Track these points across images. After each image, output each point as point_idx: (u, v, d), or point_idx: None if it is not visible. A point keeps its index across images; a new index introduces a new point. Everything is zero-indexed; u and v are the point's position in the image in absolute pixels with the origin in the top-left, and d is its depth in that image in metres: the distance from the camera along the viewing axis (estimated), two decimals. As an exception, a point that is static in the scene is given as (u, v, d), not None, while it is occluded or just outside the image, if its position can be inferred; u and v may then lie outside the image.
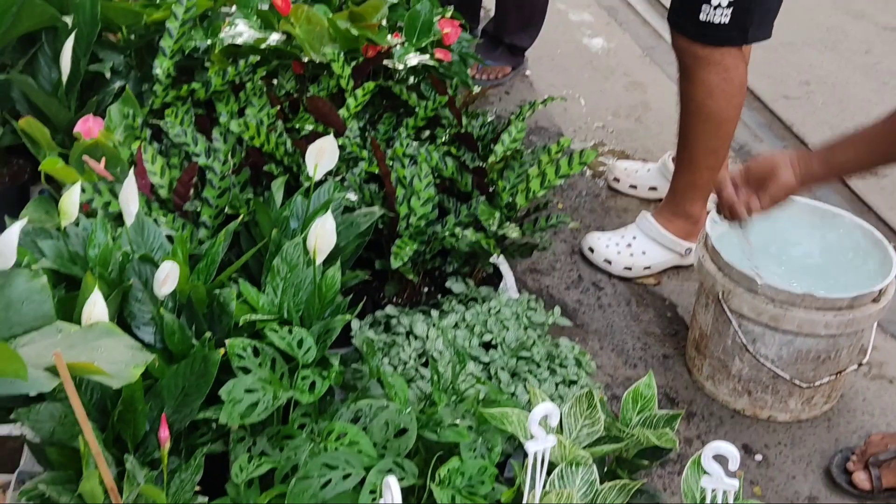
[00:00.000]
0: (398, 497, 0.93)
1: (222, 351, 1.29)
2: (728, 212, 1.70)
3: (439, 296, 1.85)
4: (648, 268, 2.30)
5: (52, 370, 0.98)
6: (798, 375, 1.83)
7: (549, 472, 1.16)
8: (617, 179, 2.65)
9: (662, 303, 2.23)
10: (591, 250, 2.33)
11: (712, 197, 2.33)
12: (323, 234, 1.42)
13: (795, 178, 1.60)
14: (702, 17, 2.04)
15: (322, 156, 1.57)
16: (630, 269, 2.29)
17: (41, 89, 1.97)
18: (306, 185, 1.69)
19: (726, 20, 2.02)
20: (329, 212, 1.43)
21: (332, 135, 1.58)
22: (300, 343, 1.32)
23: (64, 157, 1.82)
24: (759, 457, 1.88)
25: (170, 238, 1.59)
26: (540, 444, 1.10)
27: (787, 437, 1.93)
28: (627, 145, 2.90)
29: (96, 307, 1.18)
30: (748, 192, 1.66)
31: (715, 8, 2.02)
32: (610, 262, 2.30)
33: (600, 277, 2.30)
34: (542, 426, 1.09)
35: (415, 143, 1.92)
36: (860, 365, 1.90)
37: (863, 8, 3.90)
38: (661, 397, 1.99)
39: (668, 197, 2.33)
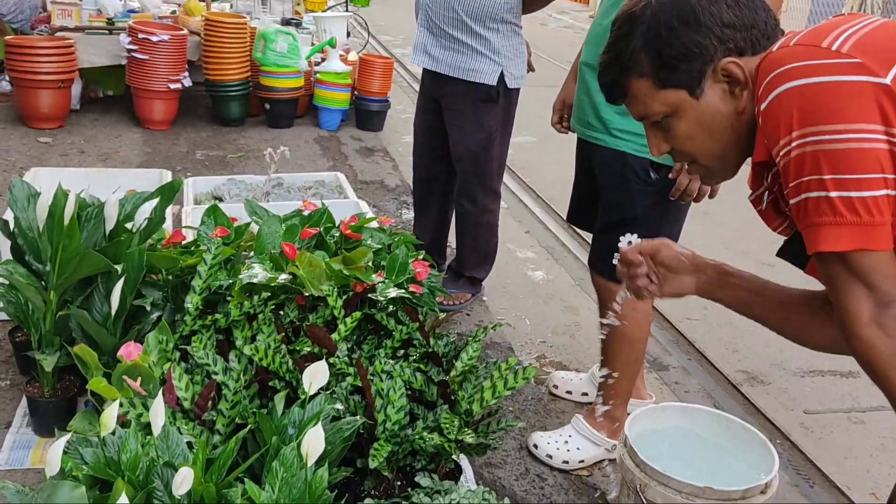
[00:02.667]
0: None
1: (226, 545, 1.27)
2: (630, 283, 1.58)
3: (409, 489, 1.83)
4: (582, 461, 2.28)
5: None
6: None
7: None
8: (556, 386, 2.66)
9: (594, 491, 2.20)
10: (535, 447, 2.31)
11: (631, 401, 2.37)
12: (314, 442, 1.43)
13: (695, 286, 1.49)
14: (614, 261, 2.13)
15: (316, 376, 1.61)
16: (567, 462, 2.27)
17: (94, 320, 2.00)
18: (302, 397, 1.71)
19: (633, 263, 2.12)
20: (320, 423, 1.45)
21: (324, 359, 1.63)
22: (291, 536, 1.31)
23: (107, 376, 1.84)
24: None
25: (189, 444, 1.60)
26: None
27: None
28: (564, 357, 2.93)
29: (124, 510, 1.18)
30: (652, 275, 1.53)
31: (624, 255, 2.12)
32: (551, 457, 2.27)
33: (543, 470, 2.26)
34: None
35: (391, 361, 1.95)
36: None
37: (746, 248, 4.06)
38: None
39: (595, 403, 2.34)
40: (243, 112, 5.51)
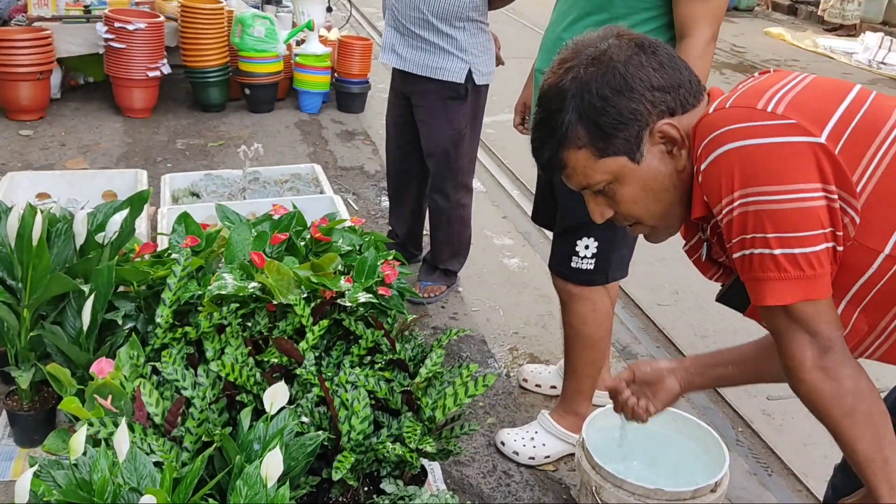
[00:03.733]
0: None
1: (188, 570, 1.34)
2: (629, 413, 1.64)
3: (375, 495, 1.89)
4: (548, 457, 2.35)
5: None
6: None
7: None
8: (525, 380, 2.73)
9: (559, 485, 2.28)
10: (503, 444, 2.37)
11: (597, 394, 2.43)
12: (272, 465, 1.49)
13: (679, 386, 1.58)
14: (573, 265, 2.19)
15: (276, 396, 1.67)
16: (533, 458, 2.33)
17: (67, 336, 2.05)
18: (267, 413, 1.77)
19: (591, 266, 2.17)
20: (277, 448, 1.51)
21: (282, 382, 1.68)
22: (250, 560, 1.37)
23: (81, 392, 1.89)
24: None
25: (157, 464, 1.65)
26: None
27: None
28: (536, 349, 2.99)
29: (86, 545, 1.24)
30: (642, 396, 1.61)
31: (582, 259, 2.17)
32: (517, 454, 2.34)
33: (510, 466, 2.33)
34: None
35: (356, 370, 1.99)
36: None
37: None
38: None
39: (560, 399, 2.40)
40: (223, 97, 5.50)
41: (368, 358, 2.13)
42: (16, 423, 2.17)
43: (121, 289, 2.22)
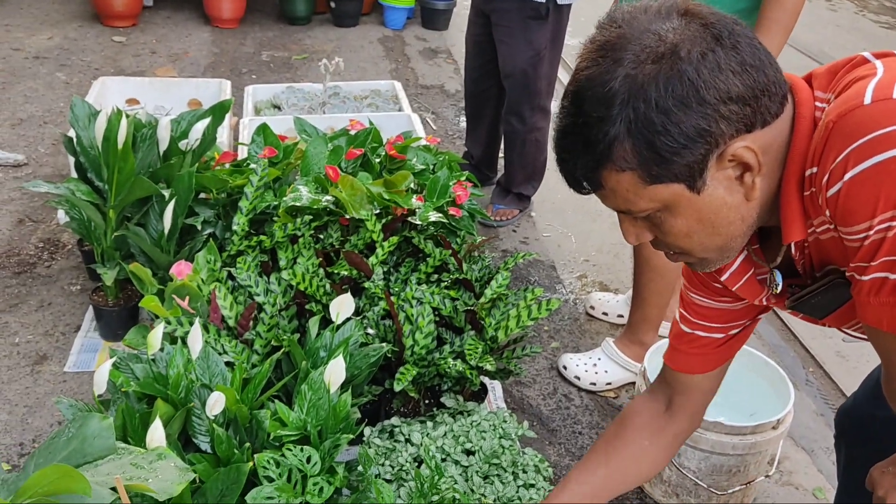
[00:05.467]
0: None
1: (251, 463, 1.40)
2: None
3: (435, 408, 1.93)
4: (609, 384, 2.35)
5: (115, 488, 1.10)
6: (714, 485, 1.87)
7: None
8: (592, 307, 2.71)
9: (619, 412, 2.28)
10: (565, 368, 2.38)
11: (663, 324, 2.40)
12: (335, 372, 1.54)
13: None
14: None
15: (342, 307, 1.71)
16: (595, 384, 2.34)
17: (149, 238, 2.13)
18: (334, 323, 1.81)
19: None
20: (340, 356, 1.55)
21: (349, 293, 1.72)
22: (308, 459, 1.43)
23: (160, 292, 1.98)
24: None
25: (229, 364, 1.73)
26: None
27: (710, 530, 1.95)
28: (606, 277, 2.96)
29: (157, 433, 1.31)
30: None
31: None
32: (579, 378, 2.35)
33: (571, 390, 2.34)
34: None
35: (423, 287, 2.02)
36: (768, 476, 1.93)
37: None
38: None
39: (626, 327, 2.39)
40: (309, 10, 5.48)
41: (435, 276, 2.15)
42: (101, 317, 2.29)
43: (201, 196, 2.29)
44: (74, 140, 2.24)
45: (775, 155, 1.02)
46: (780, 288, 1.15)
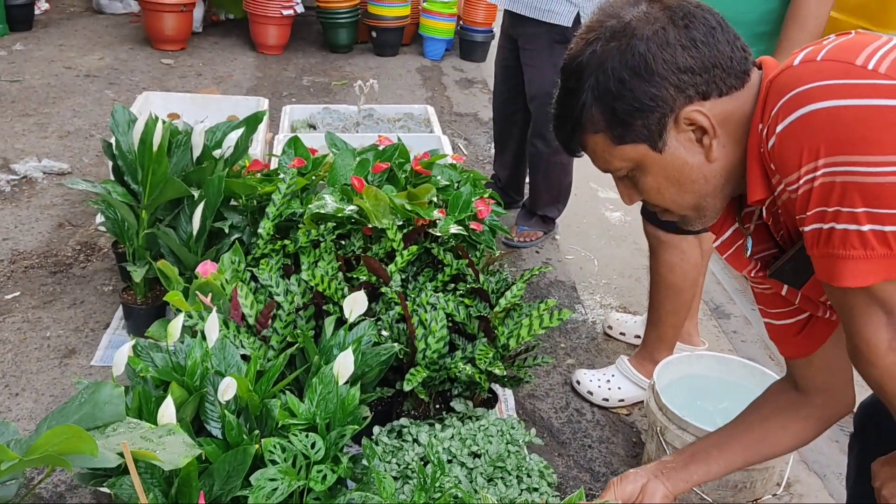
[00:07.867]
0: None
1: (257, 446, 1.44)
2: None
3: (444, 413, 1.96)
4: (622, 400, 2.35)
5: (122, 454, 1.15)
6: (720, 500, 1.86)
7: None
8: (610, 327, 2.72)
9: (630, 428, 2.28)
10: (578, 383, 2.38)
11: (678, 345, 2.40)
12: (344, 364, 1.57)
13: (672, 494, 1.45)
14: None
15: (355, 304, 1.74)
16: (607, 399, 2.34)
17: (179, 239, 2.20)
18: (347, 322, 1.85)
19: (683, 215, 2.13)
20: (349, 349, 1.59)
21: (362, 291, 1.75)
22: (313, 445, 1.46)
23: (186, 290, 2.04)
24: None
25: (245, 357, 1.77)
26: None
27: (717, 548, 1.93)
28: (626, 300, 2.96)
29: (167, 410, 1.35)
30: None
31: (674, 206, 2.13)
32: (591, 394, 2.35)
33: (583, 406, 2.34)
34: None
35: (438, 294, 2.05)
36: (776, 495, 1.91)
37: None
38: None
39: (641, 346, 2.39)
40: (351, 39, 5.62)
41: (452, 285, 2.18)
42: (130, 315, 2.36)
43: (231, 202, 2.36)
44: (114, 145, 2.34)
45: (738, 123, 1.13)
46: (749, 252, 1.25)
